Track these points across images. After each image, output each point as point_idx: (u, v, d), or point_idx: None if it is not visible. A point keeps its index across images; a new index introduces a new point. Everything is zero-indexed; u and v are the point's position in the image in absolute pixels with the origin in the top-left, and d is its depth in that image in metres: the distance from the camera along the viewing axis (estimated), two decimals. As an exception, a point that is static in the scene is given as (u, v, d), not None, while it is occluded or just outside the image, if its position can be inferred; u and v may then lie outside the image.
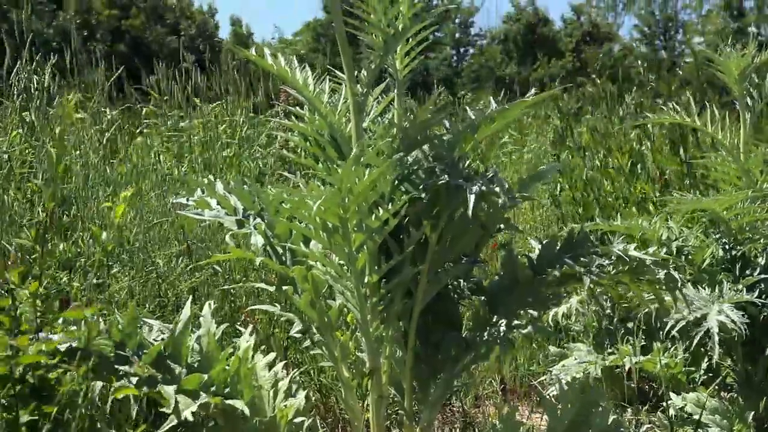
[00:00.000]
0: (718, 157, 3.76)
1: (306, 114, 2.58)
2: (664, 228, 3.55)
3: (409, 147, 2.42)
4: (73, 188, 4.79)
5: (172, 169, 6.20)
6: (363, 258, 2.32)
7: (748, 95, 3.67)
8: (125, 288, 3.81)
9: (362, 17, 2.38)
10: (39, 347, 2.01)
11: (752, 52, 3.62)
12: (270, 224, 2.52)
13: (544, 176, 2.63)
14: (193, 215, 2.56)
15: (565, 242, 2.55)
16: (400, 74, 2.54)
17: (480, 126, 2.44)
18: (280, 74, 2.48)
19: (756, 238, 3.43)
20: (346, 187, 2.12)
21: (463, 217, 2.33)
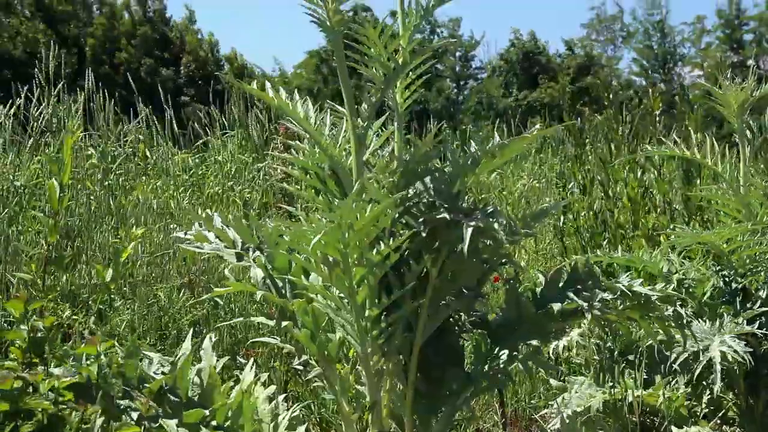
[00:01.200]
0: (718, 189, 3.77)
1: (306, 147, 2.59)
2: (664, 261, 3.55)
3: (409, 180, 2.42)
4: (78, 221, 4.80)
5: (168, 201, 6.22)
6: (364, 291, 2.32)
7: (747, 128, 3.68)
8: (127, 321, 3.81)
9: (363, 51, 2.39)
10: (51, 383, 2.01)
11: (751, 85, 3.63)
12: (269, 257, 2.52)
13: (549, 213, 2.63)
14: (193, 248, 2.56)
15: (569, 276, 2.54)
16: (401, 107, 2.55)
17: (481, 160, 2.44)
18: (281, 107, 2.48)
19: (757, 270, 3.42)
20: (346, 223, 2.12)
21: (464, 252, 2.33)
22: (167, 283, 4.36)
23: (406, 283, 2.36)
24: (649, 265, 3.55)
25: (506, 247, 2.44)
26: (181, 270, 4.49)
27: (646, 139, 6.39)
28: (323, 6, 2.37)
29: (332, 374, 2.50)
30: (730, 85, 3.65)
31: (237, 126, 8.69)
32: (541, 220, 2.57)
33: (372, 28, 2.32)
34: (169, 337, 3.91)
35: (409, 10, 2.46)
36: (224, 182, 7.27)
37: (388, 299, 2.35)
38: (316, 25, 2.41)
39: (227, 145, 8.41)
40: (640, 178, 5.67)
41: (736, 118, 3.67)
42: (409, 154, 2.45)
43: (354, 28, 2.37)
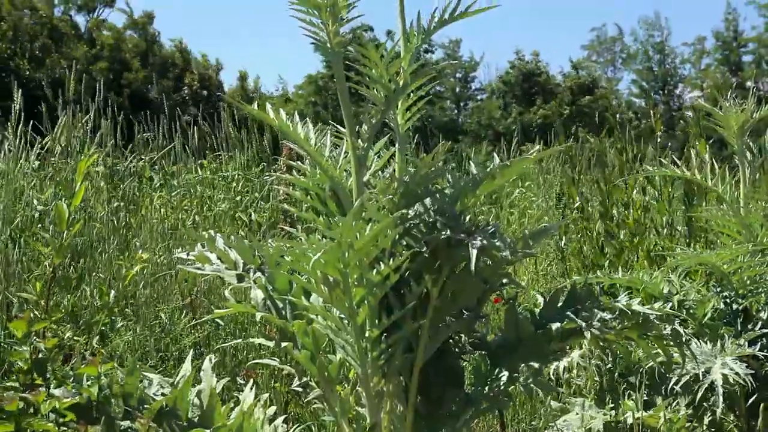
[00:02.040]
0: (719, 210, 3.78)
1: (307, 168, 2.60)
2: (664, 282, 3.55)
3: (410, 201, 2.43)
4: (83, 242, 4.81)
5: (172, 221, 6.23)
6: (364, 312, 2.32)
7: (747, 150, 3.69)
8: (128, 342, 3.81)
9: (363, 72, 2.40)
10: (53, 404, 2.01)
11: (751, 107, 3.65)
12: (270, 278, 2.52)
13: (548, 233, 2.64)
14: (194, 270, 2.56)
15: (568, 296, 2.54)
16: (401, 128, 2.56)
17: (482, 182, 2.45)
18: (282, 129, 2.49)
19: (757, 292, 3.42)
20: (346, 242, 2.12)
21: (465, 271, 2.33)
22: (169, 304, 4.36)
23: (406, 303, 2.36)
24: (649, 286, 3.55)
25: (506, 267, 2.44)
26: (182, 291, 4.49)
27: (646, 159, 6.40)
28: (324, 28, 2.38)
29: (332, 396, 2.50)
30: (730, 107, 3.67)
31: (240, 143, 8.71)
32: (540, 239, 2.57)
33: (373, 49, 2.33)
34: (170, 358, 3.91)
35: (410, 31, 2.47)
36: (232, 197, 7.28)
37: (388, 320, 2.34)
38: (317, 47, 2.42)
39: (235, 160, 8.42)
40: (641, 198, 5.68)
41: (737, 139, 3.68)
42: (410, 175, 2.45)
43: (355, 49, 2.39)
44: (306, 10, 2.36)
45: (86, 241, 4.87)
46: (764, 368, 3.25)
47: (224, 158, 8.63)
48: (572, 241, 5.88)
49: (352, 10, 2.41)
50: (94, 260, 4.67)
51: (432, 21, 2.44)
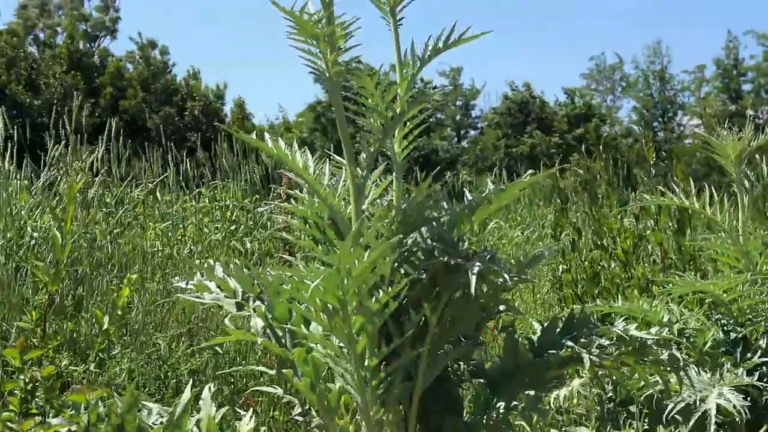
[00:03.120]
0: (717, 238, 3.78)
1: (306, 197, 2.60)
2: (664, 310, 3.55)
3: (407, 228, 2.44)
4: (78, 269, 4.81)
5: (166, 252, 6.24)
6: (363, 340, 2.32)
7: (745, 178, 3.70)
8: (126, 370, 3.80)
9: (360, 101, 2.42)
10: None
11: (749, 135, 3.65)
12: (269, 306, 2.52)
13: (543, 258, 2.64)
14: (193, 298, 2.56)
15: (565, 324, 2.55)
16: (399, 157, 2.57)
17: (478, 207, 2.46)
18: (281, 158, 2.51)
19: (756, 320, 3.42)
20: (344, 268, 2.13)
21: (463, 298, 2.34)
22: (167, 332, 4.35)
23: (405, 331, 2.36)
24: (649, 315, 3.54)
25: (503, 293, 2.45)
26: (180, 319, 4.49)
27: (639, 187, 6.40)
28: (322, 57, 2.40)
29: (332, 424, 2.49)
30: (727, 136, 3.67)
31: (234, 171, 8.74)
32: (535, 265, 2.57)
33: (369, 78, 2.35)
34: (168, 386, 3.90)
35: (406, 60, 2.49)
36: (226, 227, 7.30)
37: (387, 348, 2.35)
38: (315, 76, 2.43)
39: (229, 189, 8.43)
40: (634, 227, 5.68)
41: (734, 167, 3.69)
42: (407, 202, 2.46)
43: (352, 79, 2.40)
44: (304, 40, 2.38)
45: (84, 268, 4.87)
46: (764, 396, 3.24)
47: (219, 187, 8.65)
48: (566, 271, 5.87)
49: (350, 39, 2.43)
50: (92, 288, 4.67)
51: (426, 49, 2.46)
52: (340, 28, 2.38)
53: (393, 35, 2.58)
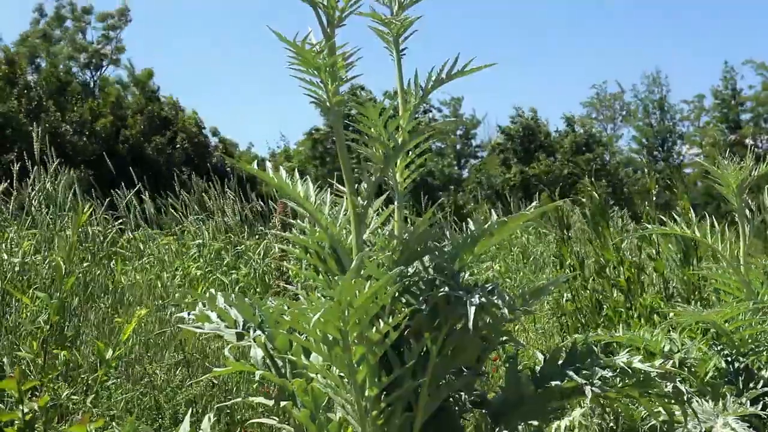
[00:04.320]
0: (718, 268, 3.77)
1: (307, 226, 2.60)
2: (666, 339, 3.53)
3: (409, 258, 2.43)
4: (78, 300, 4.80)
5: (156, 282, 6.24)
6: (363, 370, 2.31)
7: (746, 207, 3.69)
8: (124, 400, 3.78)
9: (362, 130, 2.42)
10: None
11: (750, 164, 3.65)
12: (270, 336, 2.51)
13: (547, 291, 2.63)
14: (194, 328, 2.55)
15: (568, 354, 2.53)
16: (400, 186, 2.57)
17: (480, 239, 2.45)
18: (281, 187, 2.50)
19: (759, 350, 3.40)
20: (346, 300, 2.12)
21: (465, 329, 2.33)
22: (163, 363, 4.33)
23: (406, 361, 2.35)
24: (650, 344, 3.53)
25: (506, 324, 2.43)
26: (176, 349, 4.46)
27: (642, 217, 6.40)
28: (323, 87, 2.40)
29: (332, 455, 2.47)
30: (728, 165, 3.67)
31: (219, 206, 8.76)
32: (539, 297, 2.56)
33: (372, 107, 2.35)
34: (166, 416, 3.87)
35: (408, 90, 2.49)
36: (209, 262, 7.35)
37: (388, 378, 2.33)
38: (317, 105, 2.43)
39: (206, 229, 8.44)
40: (637, 256, 5.67)
41: (736, 197, 3.68)
42: (409, 233, 2.46)
43: (354, 108, 2.40)
44: (306, 70, 2.38)
45: (81, 299, 4.86)
46: (767, 427, 3.22)
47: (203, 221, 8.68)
48: (568, 301, 5.86)
49: (351, 69, 2.43)
50: (87, 318, 4.66)
51: (429, 80, 2.46)
52: (341, 59, 2.38)
53: (396, 65, 2.59)
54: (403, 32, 2.60)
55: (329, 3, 2.38)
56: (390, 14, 2.62)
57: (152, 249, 7.69)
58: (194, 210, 8.85)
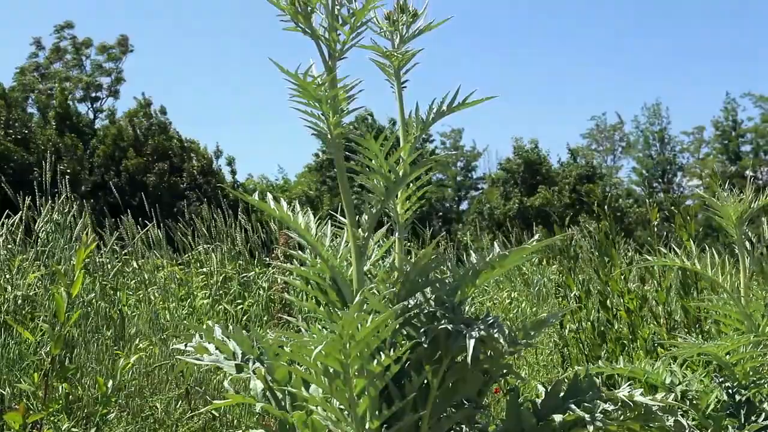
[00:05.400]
0: (719, 300, 3.76)
1: (308, 258, 2.60)
2: (667, 372, 3.52)
3: (410, 291, 2.43)
4: (79, 332, 4.79)
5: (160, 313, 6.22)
6: (364, 403, 2.30)
7: (746, 239, 3.69)
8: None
9: (364, 162, 2.42)
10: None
11: (750, 196, 3.65)
12: (270, 369, 2.50)
13: (548, 323, 2.63)
14: (192, 361, 2.55)
15: (569, 387, 2.52)
16: (401, 218, 2.58)
17: (481, 272, 2.45)
18: (283, 219, 2.51)
19: (760, 382, 3.39)
20: (347, 333, 2.11)
21: (465, 362, 2.32)
22: (163, 395, 4.32)
23: (407, 394, 2.34)
24: (651, 376, 3.51)
25: (507, 357, 2.43)
26: (177, 381, 4.45)
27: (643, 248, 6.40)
28: (324, 120, 2.41)
29: (332, 488, 2.46)
30: (728, 197, 3.67)
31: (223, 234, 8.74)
32: (540, 330, 2.56)
33: (373, 140, 2.35)
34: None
35: (409, 121, 2.50)
36: (214, 292, 7.31)
37: (389, 411, 2.32)
38: (317, 137, 2.44)
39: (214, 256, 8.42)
40: (639, 288, 5.66)
41: (736, 229, 3.68)
42: (410, 265, 2.46)
43: (355, 140, 2.41)
44: (307, 102, 2.39)
45: (81, 331, 4.85)
46: (770, 460, 3.21)
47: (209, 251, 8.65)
48: (571, 331, 5.85)
49: (353, 101, 2.44)
50: (87, 351, 4.65)
51: (431, 112, 2.47)
52: (342, 91, 2.39)
53: (397, 97, 2.60)
54: (404, 65, 2.62)
55: (331, 36, 2.40)
56: (391, 47, 2.64)
57: (157, 278, 7.68)
58: (203, 235, 8.84)
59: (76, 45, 42.57)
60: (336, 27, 2.39)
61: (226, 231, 8.71)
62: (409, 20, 2.64)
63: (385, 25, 2.65)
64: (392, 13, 2.64)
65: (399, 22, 2.63)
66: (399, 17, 2.64)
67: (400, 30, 2.64)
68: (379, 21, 2.65)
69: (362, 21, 2.39)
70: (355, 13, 2.38)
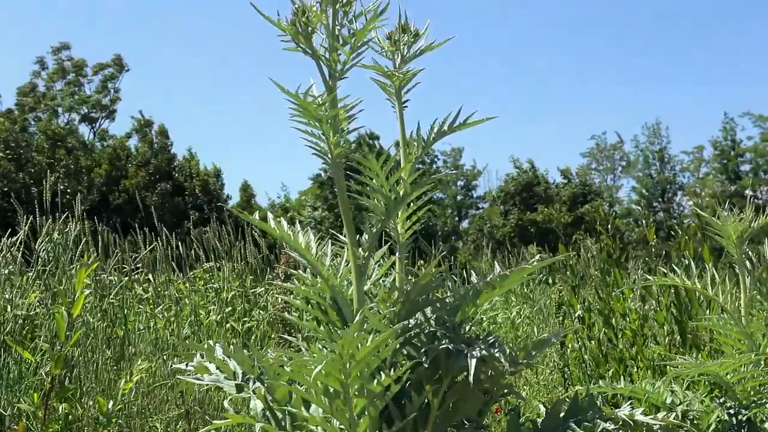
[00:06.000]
0: (720, 319, 3.75)
1: (308, 277, 2.60)
2: (668, 391, 3.51)
3: (410, 310, 2.43)
4: (79, 352, 4.78)
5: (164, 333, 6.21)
6: (364, 423, 2.29)
7: (747, 258, 3.69)
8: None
9: (364, 182, 2.43)
10: None
11: (750, 216, 3.65)
12: (270, 388, 2.50)
13: (548, 343, 2.62)
14: (193, 380, 2.54)
15: (570, 407, 2.52)
16: (402, 237, 2.58)
17: (482, 292, 2.45)
18: (283, 238, 2.51)
19: (761, 402, 3.38)
20: (348, 353, 2.11)
21: (466, 382, 2.32)
22: (163, 414, 4.30)
23: (407, 414, 2.34)
24: (652, 396, 3.51)
25: (508, 377, 2.42)
26: (177, 401, 4.44)
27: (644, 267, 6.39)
28: (325, 140, 2.41)
29: None
30: (728, 216, 3.67)
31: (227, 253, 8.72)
32: (542, 350, 2.56)
33: (374, 159, 2.36)
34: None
35: (410, 141, 2.51)
36: (222, 309, 7.27)
37: (389, 431, 2.32)
38: (318, 157, 2.44)
39: (225, 270, 8.39)
40: (640, 307, 5.66)
41: (736, 248, 3.68)
42: (411, 284, 2.46)
43: (356, 159, 2.41)
44: (307, 122, 2.39)
45: (82, 351, 4.84)
46: (772, 481, 3.20)
47: (214, 269, 8.63)
48: (573, 351, 5.85)
49: (353, 121, 2.44)
50: (87, 370, 4.64)
51: (431, 132, 2.48)
52: (343, 111, 2.40)
53: (398, 117, 2.61)
54: (406, 84, 2.63)
55: (331, 57, 2.41)
56: (392, 67, 2.65)
57: (167, 293, 7.64)
58: (213, 250, 8.82)
59: (73, 66, 42.68)
60: (337, 47, 2.40)
61: (230, 250, 8.70)
62: (411, 40, 2.65)
63: (387, 44, 2.66)
64: (394, 33, 2.65)
65: (400, 42, 2.64)
66: (400, 37, 2.64)
67: (402, 50, 2.64)
68: (380, 41, 2.66)
69: (363, 41, 2.40)
70: (355, 34, 2.39)
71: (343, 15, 2.41)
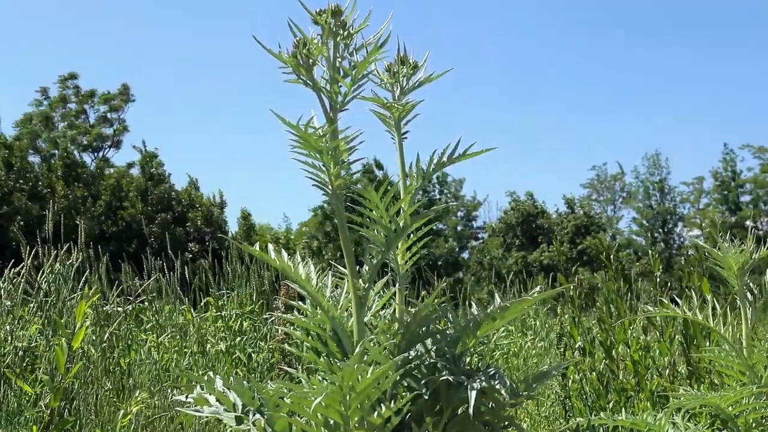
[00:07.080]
0: (721, 351, 3.75)
1: (308, 308, 2.60)
2: (669, 424, 3.50)
3: (411, 342, 2.42)
4: (78, 384, 4.76)
5: (168, 363, 6.18)
6: (364, 456, 2.28)
7: (748, 290, 3.68)
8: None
9: (365, 213, 2.43)
10: None
11: (751, 247, 3.65)
12: (270, 420, 2.49)
13: (550, 375, 2.62)
14: (192, 412, 2.53)
15: (570, 439, 2.51)
16: (402, 269, 2.57)
17: (482, 323, 2.45)
18: (284, 269, 2.51)
19: (764, 434, 3.37)
20: (348, 385, 2.10)
21: (466, 414, 2.31)
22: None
23: (407, 446, 2.33)
24: (654, 428, 3.49)
25: (508, 409, 2.42)
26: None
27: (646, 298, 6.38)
28: (325, 171, 2.42)
29: None
30: (729, 247, 3.67)
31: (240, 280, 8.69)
32: (543, 382, 2.55)
33: (374, 191, 2.36)
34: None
35: (410, 172, 2.51)
36: (231, 338, 7.23)
37: (389, 463, 2.31)
38: (318, 188, 2.45)
39: (233, 300, 8.36)
40: (642, 338, 5.65)
41: (737, 279, 3.67)
42: (411, 316, 2.45)
43: (357, 191, 2.42)
44: (308, 153, 2.40)
45: (81, 383, 4.82)
46: None
47: (224, 297, 8.60)
48: (575, 382, 5.82)
49: (354, 153, 2.45)
50: (87, 402, 4.62)
51: (431, 163, 2.49)
52: (343, 142, 2.41)
53: (397, 148, 2.61)
54: (405, 116, 2.64)
55: (332, 88, 2.42)
56: (392, 98, 2.66)
57: (172, 323, 7.61)
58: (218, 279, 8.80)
59: (80, 96, 42.86)
60: (337, 79, 2.41)
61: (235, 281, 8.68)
62: (410, 72, 2.66)
63: (386, 76, 2.67)
64: (393, 65, 2.67)
65: (399, 74, 2.66)
66: (399, 69, 2.66)
67: (401, 82, 2.66)
68: (379, 73, 2.67)
69: (363, 73, 2.41)
70: (356, 66, 2.40)
71: (344, 47, 2.43)
